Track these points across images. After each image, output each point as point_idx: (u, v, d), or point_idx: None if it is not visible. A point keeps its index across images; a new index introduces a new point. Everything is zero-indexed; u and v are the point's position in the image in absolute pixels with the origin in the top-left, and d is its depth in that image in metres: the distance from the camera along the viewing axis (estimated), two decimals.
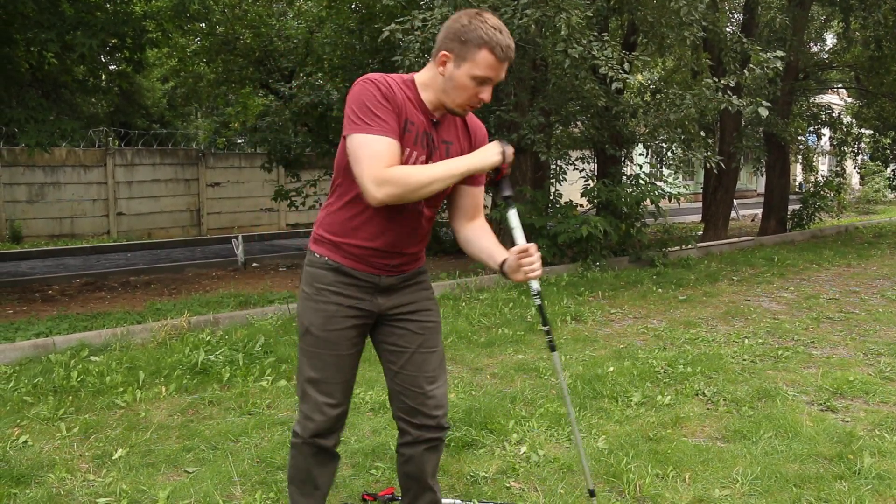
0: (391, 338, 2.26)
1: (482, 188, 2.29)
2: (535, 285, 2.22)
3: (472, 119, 2.26)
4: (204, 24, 12.06)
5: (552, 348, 2.37)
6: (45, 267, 11.57)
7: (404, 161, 2.05)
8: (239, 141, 19.34)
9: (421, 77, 2.12)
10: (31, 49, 8.47)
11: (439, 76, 2.06)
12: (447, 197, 2.24)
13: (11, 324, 6.49)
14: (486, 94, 2.06)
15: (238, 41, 12.52)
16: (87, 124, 15.71)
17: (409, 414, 2.27)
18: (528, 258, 2.09)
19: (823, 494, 2.87)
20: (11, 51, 8.33)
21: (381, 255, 2.15)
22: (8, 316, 7.27)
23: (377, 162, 1.94)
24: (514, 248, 2.11)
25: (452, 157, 2.15)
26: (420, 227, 2.19)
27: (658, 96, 8.57)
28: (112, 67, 12.18)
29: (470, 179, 2.21)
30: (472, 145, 2.22)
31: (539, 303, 2.30)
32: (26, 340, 5.20)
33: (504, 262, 2.15)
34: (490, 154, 2.09)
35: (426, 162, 2.09)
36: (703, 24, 8.00)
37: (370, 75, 2.04)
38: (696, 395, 4.14)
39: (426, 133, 2.10)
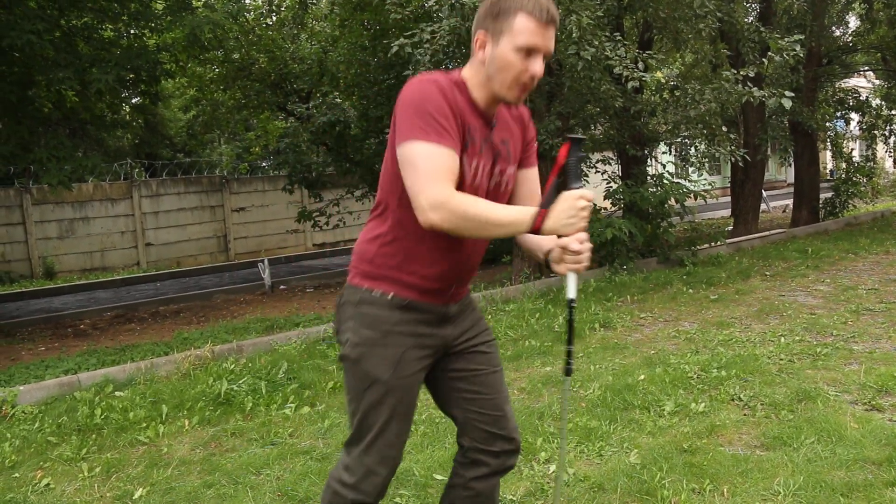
0: (461, 362, 2.03)
1: (535, 169, 2.09)
2: (572, 290, 1.95)
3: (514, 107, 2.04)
4: (219, 52, 12.20)
5: (567, 372, 2.05)
6: (78, 301, 11.75)
7: (472, 173, 1.84)
8: (263, 164, 19.53)
9: (467, 74, 1.86)
10: (52, 89, 8.64)
11: (481, 64, 1.82)
12: None
13: (42, 361, 6.55)
14: (536, 67, 1.78)
15: (253, 66, 12.64)
16: (111, 158, 15.99)
17: (488, 442, 2.04)
18: (574, 252, 1.82)
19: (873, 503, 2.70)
20: (34, 92, 8.49)
21: (451, 275, 1.92)
22: (39, 353, 7.36)
23: (438, 178, 1.69)
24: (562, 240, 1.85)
25: (513, 153, 1.96)
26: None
27: (677, 93, 8.38)
28: (135, 101, 12.40)
29: (525, 161, 2.05)
30: (523, 129, 2.02)
31: (571, 316, 2.02)
32: (53, 379, 5.22)
33: (550, 251, 1.95)
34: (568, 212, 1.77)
35: (492, 169, 1.90)
36: (718, 14, 7.82)
37: (428, 75, 1.78)
38: (732, 400, 3.97)
39: (486, 140, 1.87)
